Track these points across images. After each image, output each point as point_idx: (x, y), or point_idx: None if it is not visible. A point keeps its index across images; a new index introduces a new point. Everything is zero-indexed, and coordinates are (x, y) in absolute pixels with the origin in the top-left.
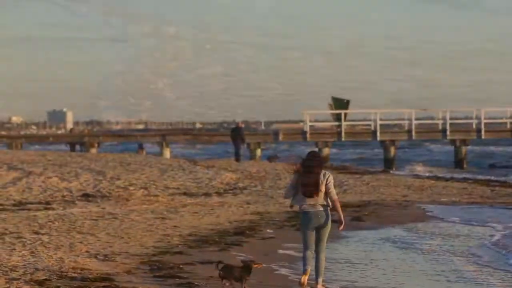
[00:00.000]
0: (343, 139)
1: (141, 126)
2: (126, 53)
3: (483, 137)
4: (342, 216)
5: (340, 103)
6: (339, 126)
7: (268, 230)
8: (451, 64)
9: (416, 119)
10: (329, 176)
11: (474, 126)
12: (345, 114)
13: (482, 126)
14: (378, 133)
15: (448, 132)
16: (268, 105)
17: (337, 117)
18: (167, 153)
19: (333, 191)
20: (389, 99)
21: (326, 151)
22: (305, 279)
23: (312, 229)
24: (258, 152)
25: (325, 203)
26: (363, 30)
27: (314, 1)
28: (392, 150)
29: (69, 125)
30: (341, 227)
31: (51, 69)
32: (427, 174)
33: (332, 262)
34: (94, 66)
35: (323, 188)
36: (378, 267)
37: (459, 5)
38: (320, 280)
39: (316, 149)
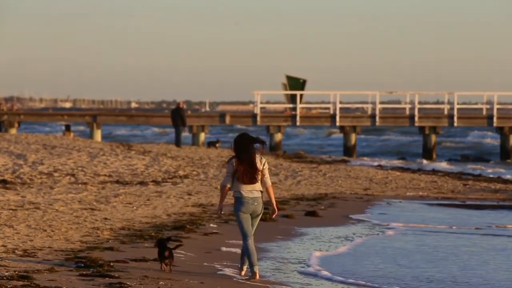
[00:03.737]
0: (297, 123)
1: (68, 105)
2: None
3: (455, 124)
4: (275, 204)
5: (296, 83)
6: (294, 108)
7: (211, 225)
8: None
9: (381, 102)
10: (265, 162)
11: (445, 112)
12: (301, 96)
13: (455, 112)
14: (337, 118)
15: (416, 118)
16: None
17: (292, 99)
18: (98, 135)
19: (268, 178)
20: None
21: (278, 137)
22: (254, 275)
23: (248, 215)
24: (202, 136)
25: (261, 189)
26: None
27: None
28: (353, 137)
29: None
30: (274, 215)
31: None
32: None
33: (282, 262)
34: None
35: (260, 174)
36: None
37: None
38: (256, 268)
39: (246, 131)
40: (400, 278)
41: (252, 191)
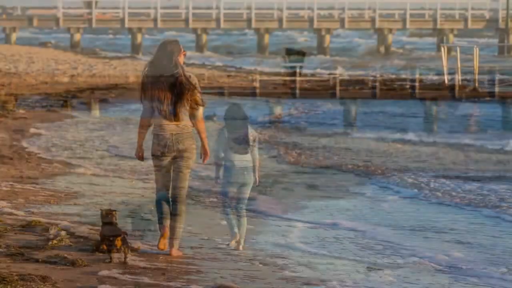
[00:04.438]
0: (297, 96)
1: (66, 79)
2: None
3: (456, 95)
4: (257, 175)
5: (295, 55)
6: (293, 81)
7: (210, 199)
8: None
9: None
10: (256, 136)
11: (446, 83)
12: (301, 68)
13: (456, 83)
14: (337, 90)
15: (417, 91)
16: None
17: (292, 71)
18: (96, 110)
19: (256, 150)
20: None
21: (278, 110)
22: (237, 245)
23: (236, 186)
24: (200, 110)
25: (251, 159)
26: None
27: None
28: (353, 109)
29: None
30: (256, 185)
31: None
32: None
33: (282, 236)
34: None
35: (250, 146)
36: (337, 242)
37: None
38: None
39: (237, 102)
40: (379, 250)
41: (242, 161)
